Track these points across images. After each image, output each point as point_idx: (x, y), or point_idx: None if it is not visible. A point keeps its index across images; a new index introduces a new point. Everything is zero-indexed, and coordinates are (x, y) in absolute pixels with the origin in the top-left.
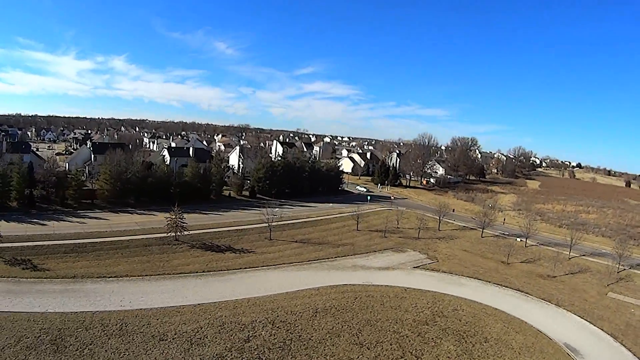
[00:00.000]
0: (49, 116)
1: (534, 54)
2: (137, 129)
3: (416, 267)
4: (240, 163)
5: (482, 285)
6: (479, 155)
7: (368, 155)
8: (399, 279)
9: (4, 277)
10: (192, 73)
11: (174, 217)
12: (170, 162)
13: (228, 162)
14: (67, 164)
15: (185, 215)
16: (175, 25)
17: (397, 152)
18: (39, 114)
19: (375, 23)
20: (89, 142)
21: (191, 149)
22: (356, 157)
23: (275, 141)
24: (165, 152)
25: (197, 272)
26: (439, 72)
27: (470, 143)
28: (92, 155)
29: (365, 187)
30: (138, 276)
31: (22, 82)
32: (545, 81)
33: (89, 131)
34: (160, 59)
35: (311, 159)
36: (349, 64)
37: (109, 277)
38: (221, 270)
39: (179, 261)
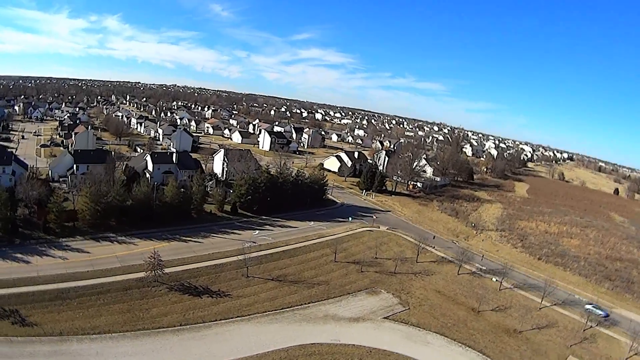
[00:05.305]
0: (39, 80)
1: (529, 31)
2: (128, 97)
3: (386, 317)
4: (224, 167)
5: (446, 344)
6: (470, 150)
7: (356, 154)
8: (367, 334)
9: None
10: (187, 34)
11: (152, 260)
12: (153, 169)
13: (212, 164)
14: (50, 171)
15: (164, 244)
16: None
17: (387, 147)
18: (30, 75)
19: None
20: (72, 138)
21: (174, 155)
22: (344, 156)
23: (264, 131)
24: (148, 159)
25: (174, 327)
26: (436, 44)
27: (461, 137)
28: (75, 165)
29: (598, 310)
30: (119, 332)
31: (14, 41)
32: (541, 60)
33: (77, 108)
34: (154, 19)
35: (295, 172)
36: (346, 32)
37: (93, 335)
38: (197, 324)
39: (157, 310)
